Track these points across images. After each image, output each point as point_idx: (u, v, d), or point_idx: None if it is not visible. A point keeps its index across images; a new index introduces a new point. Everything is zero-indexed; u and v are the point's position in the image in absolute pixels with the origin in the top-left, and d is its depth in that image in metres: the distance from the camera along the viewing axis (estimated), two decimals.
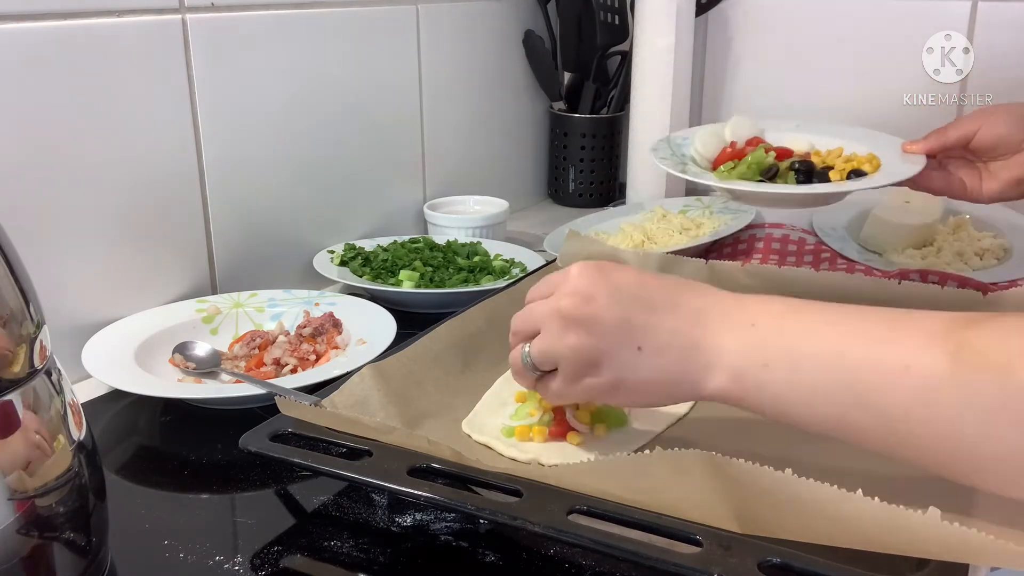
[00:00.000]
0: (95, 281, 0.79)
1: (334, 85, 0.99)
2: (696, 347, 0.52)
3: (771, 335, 0.50)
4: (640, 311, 0.53)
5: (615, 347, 0.52)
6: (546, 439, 0.61)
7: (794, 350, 0.49)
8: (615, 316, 0.53)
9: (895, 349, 0.46)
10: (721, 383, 0.51)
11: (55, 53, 0.73)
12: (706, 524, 0.46)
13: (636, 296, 0.53)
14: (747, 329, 0.51)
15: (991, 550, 0.41)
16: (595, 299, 0.53)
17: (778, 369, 0.49)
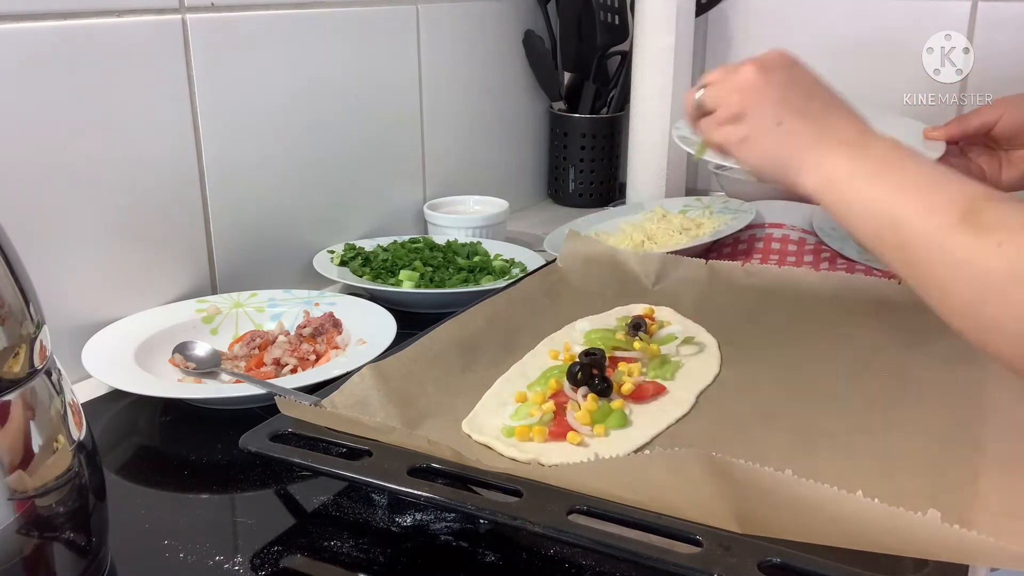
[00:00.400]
0: (95, 281, 0.79)
1: (334, 85, 0.99)
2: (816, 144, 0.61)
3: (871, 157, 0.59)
4: (799, 97, 0.63)
5: (761, 112, 0.63)
6: (546, 439, 0.61)
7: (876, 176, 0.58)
8: (777, 91, 0.63)
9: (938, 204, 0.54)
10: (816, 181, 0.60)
11: (55, 53, 0.73)
12: (706, 524, 0.46)
13: (804, 85, 0.64)
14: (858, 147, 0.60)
15: (990, 551, 0.41)
16: (773, 72, 0.64)
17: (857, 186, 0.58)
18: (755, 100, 0.64)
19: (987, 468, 0.54)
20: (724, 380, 0.69)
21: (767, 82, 0.64)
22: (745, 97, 0.64)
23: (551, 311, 0.82)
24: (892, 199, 0.56)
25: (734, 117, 0.65)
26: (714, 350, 0.74)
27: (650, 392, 0.66)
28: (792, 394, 0.66)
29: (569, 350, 0.73)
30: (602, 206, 1.27)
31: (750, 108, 0.64)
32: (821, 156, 0.61)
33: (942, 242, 0.52)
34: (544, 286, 0.85)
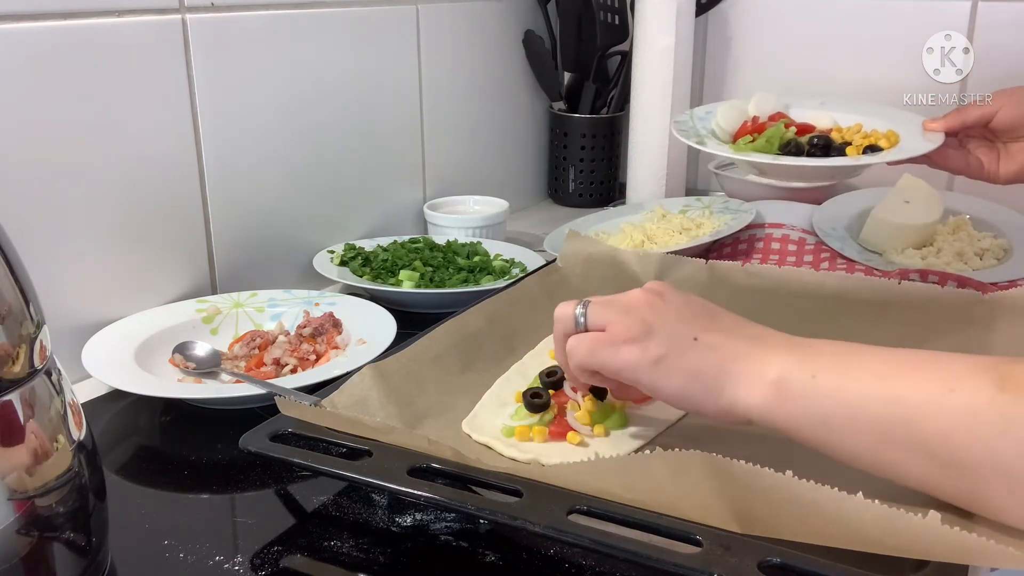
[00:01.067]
0: (95, 281, 0.79)
1: (334, 85, 0.99)
2: (748, 354, 0.52)
3: (824, 354, 0.51)
4: (705, 316, 0.56)
5: (673, 330, 0.54)
6: (546, 439, 0.61)
7: (844, 367, 0.50)
8: (680, 310, 0.55)
9: (942, 375, 0.47)
10: (761, 392, 0.51)
11: (55, 53, 0.73)
12: (706, 524, 0.46)
13: (704, 307, 0.57)
14: (802, 347, 0.52)
15: (990, 552, 0.41)
16: (665, 295, 0.57)
17: (825, 382, 0.49)
18: (659, 316, 0.54)
19: None
20: None
21: (664, 302, 0.56)
22: (648, 314, 0.55)
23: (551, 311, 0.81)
24: (889, 385, 0.47)
25: (640, 335, 0.53)
26: None
27: None
28: None
29: None
30: (602, 206, 1.27)
31: (657, 324, 0.54)
32: (761, 363, 0.51)
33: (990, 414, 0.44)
34: (544, 286, 0.85)
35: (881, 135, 0.90)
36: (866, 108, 0.96)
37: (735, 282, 0.84)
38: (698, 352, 0.53)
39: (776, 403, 0.50)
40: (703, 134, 0.93)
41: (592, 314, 0.56)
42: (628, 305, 0.56)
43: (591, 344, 0.55)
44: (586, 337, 0.56)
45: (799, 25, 1.26)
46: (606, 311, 0.56)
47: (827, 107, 0.96)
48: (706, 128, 0.95)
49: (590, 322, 0.56)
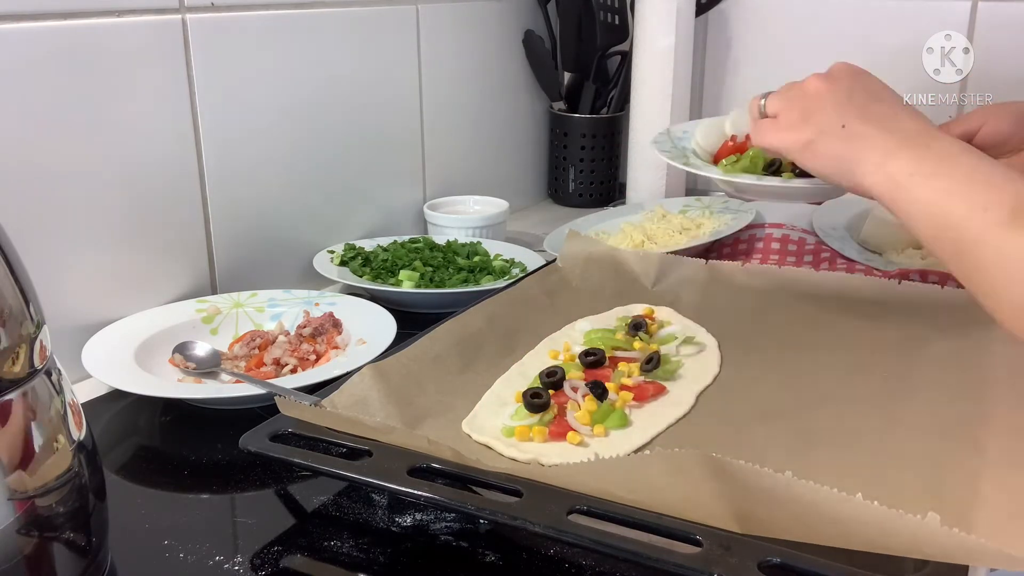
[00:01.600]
0: (95, 281, 0.79)
1: (334, 85, 0.99)
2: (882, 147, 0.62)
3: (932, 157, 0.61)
4: (864, 100, 0.66)
5: (826, 115, 0.65)
6: (546, 439, 0.61)
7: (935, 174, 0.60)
8: (842, 96, 0.66)
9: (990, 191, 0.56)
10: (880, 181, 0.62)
11: (55, 53, 0.73)
12: (706, 524, 0.46)
13: (869, 91, 0.67)
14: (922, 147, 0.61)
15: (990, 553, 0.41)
16: (840, 81, 0.67)
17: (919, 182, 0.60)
18: (819, 105, 0.66)
19: (987, 468, 0.54)
20: (724, 380, 0.69)
21: (831, 89, 0.66)
22: (809, 103, 0.67)
23: (551, 311, 0.82)
24: (947, 199, 0.58)
25: (798, 122, 0.67)
26: (714, 350, 0.74)
27: (650, 392, 0.66)
28: (792, 394, 0.66)
29: (569, 350, 0.73)
30: (602, 206, 1.27)
31: (814, 113, 0.66)
32: (883, 156, 0.62)
33: (993, 240, 0.54)
34: (544, 286, 0.85)
35: None
36: None
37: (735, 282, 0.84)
38: (841, 139, 0.64)
39: (886, 192, 0.62)
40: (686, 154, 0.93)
41: (769, 103, 0.71)
42: (799, 94, 0.68)
43: (762, 130, 0.70)
44: (761, 123, 0.71)
45: (799, 25, 1.26)
46: (778, 101, 0.70)
47: None
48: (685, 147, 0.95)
49: (769, 110, 0.70)
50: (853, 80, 0.67)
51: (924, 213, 0.59)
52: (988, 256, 0.54)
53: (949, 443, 0.57)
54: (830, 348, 0.73)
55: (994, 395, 0.63)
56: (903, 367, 0.69)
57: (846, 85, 0.67)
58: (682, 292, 0.85)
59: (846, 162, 0.64)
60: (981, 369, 0.67)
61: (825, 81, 0.68)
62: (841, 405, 0.64)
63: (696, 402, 0.66)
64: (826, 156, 0.65)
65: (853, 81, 0.67)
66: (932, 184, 0.59)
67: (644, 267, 0.87)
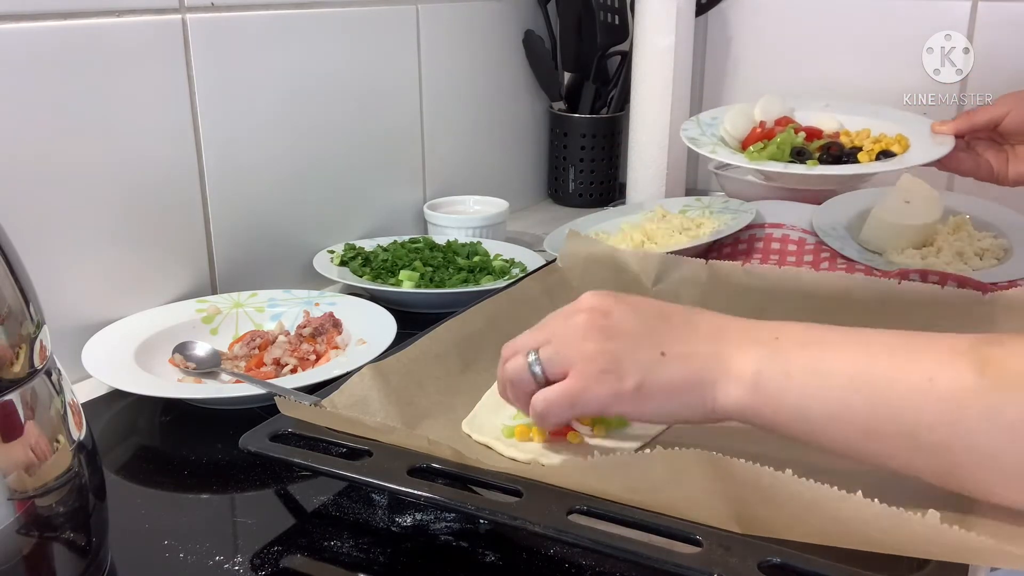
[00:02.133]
0: (95, 281, 0.79)
1: (334, 85, 0.99)
2: (717, 354, 0.51)
3: (794, 347, 0.50)
4: (660, 322, 0.53)
5: (637, 350, 0.52)
6: (546, 439, 0.61)
7: (818, 361, 0.49)
8: (635, 325, 0.53)
9: (920, 363, 0.46)
10: (739, 395, 0.50)
11: (55, 53, 0.73)
12: (706, 524, 0.46)
13: (654, 311, 0.54)
14: (770, 341, 0.51)
15: (990, 552, 0.41)
16: (612, 312, 0.53)
17: (801, 379, 0.49)
18: (618, 342, 0.52)
19: None
20: None
21: (613, 321, 0.53)
22: (605, 342, 0.52)
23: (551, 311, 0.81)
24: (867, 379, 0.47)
25: (608, 368, 0.51)
26: None
27: None
28: None
29: None
30: (602, 206, 1.27)
31: (620, 350, 0.52)
32: (734, 365, 0.50)
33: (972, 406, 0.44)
34: (544, 286, 0.85)
35: (892, 140, 0.90)
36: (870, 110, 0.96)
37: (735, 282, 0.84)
38: (670, 368, 0.51)
39: (754, 403, 0.50)
40: (713, 142, 0.93)
41: (548, 362, 0.53)
42: (580, 336, 0.53)
43: (564, 398, 0.53)
44: (554, 392, 0.53)
45: (799, 25, 1.26)
46: (561, 354, 0.53)
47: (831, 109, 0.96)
48: (714, 135, 0.95)
49: (548, 372, 0.53)
50: (623, 303, 0.54)
51: (828, 413, 0.48)
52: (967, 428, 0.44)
53: None
54: None
55: None
56: None
57: (624, 312, 0.53)
58: (682, 292, 0.85)
59: (687, 391, 0.51)
60: None
61: (598, 314, 0.53)
62: None
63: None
64: (662, 393, 0.51)
65: (624, 304, 0.54)
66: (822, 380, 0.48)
67: (644, 267, 0.87)
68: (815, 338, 0.51)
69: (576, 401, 0.53)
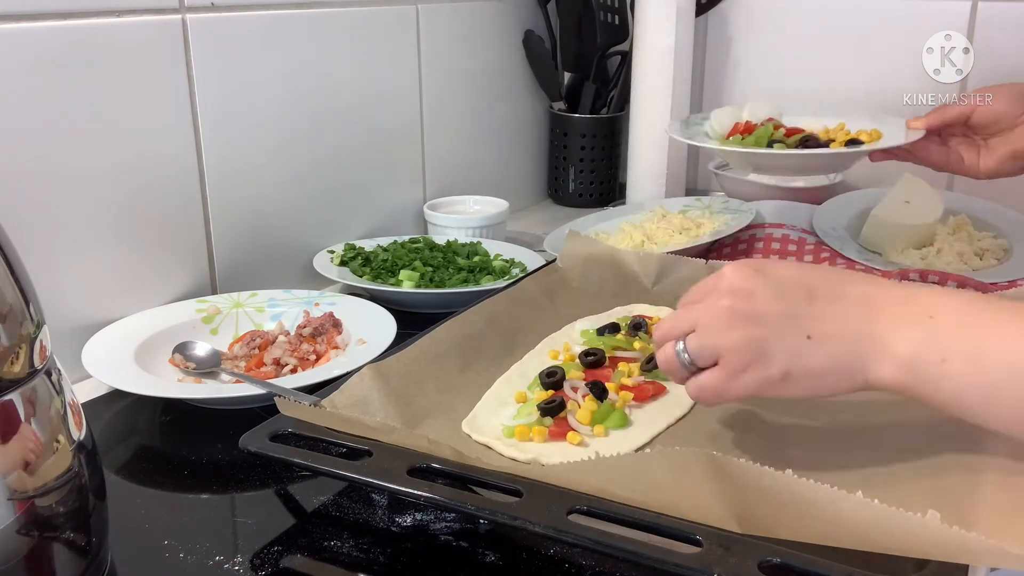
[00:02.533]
0: (95, 281, 0.79)
1: (334, 85, 0.99)
2: (868, 336, 0.50)
3: (951, 329, 0.49)
4: (803, 303, 0.52)
5: (783, 336, 0.51)
6: (546, 439, 0.61)
7: (975, 347, 0.48)
8: (779, 310, 0.52)
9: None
10: (893, 373, 0.50)
11: (55, 53, 0.73)
12: (706, 524, 0.46)
13: (798, 288, 0.53)
14: (924, 321, 0.50)
15: (990, 552, 0.41)
16: (756, 295, 0.52)
17: (958, 364, 0.48)
18: (763, 328, 0.51)
19: (987, 467, 0.54)
20: None
21: (756, 304, 0.52)
22: (751, 328, 0.51)
23: (551, 311, 0.82)
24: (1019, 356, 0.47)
25: (756, 357, 0.51)
26: None
27: (650, 392, 0.66)
28: None
29: (569, 350, 0.73)
30: (602, 206, 1.27)
31: (767, 337, 0.51)
32: (886, 346, 0.50)
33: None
34: (544, 286, 0.85)
35: (864, 132, 0.93)
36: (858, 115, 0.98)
37: None
38: (817, 352, 0.51)
39: (909, 384, 0.50)
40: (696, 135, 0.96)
41: (696, 351, 0.53)
42: (724, 325, 0.52)
43: (714, 386, 0.53)
44: (705, 381, 0.53)
45: (799, 25, 1.26)
46: (706, 345, 0.53)
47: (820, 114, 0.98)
48: (699, 131, 0.98)
49: (697, 360, 0.53)
50: (766, 278, 0.53)
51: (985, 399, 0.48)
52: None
53: (949, 442, 0.57)
54: None
55: None
56: None
57: (767, 292, 0.52)
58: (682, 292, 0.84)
59: (837, 374, 0.51)
60: None
61: (743, 297, 0.52)
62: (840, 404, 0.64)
63: (696, 402, 0.66)
64: (812, 379, 0.51)
65: (767, 279, 0.53)
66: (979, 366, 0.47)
67: (644, 267, 0.87)
68: (971, 321, 0.50)
69: (725, 391, 0.53)
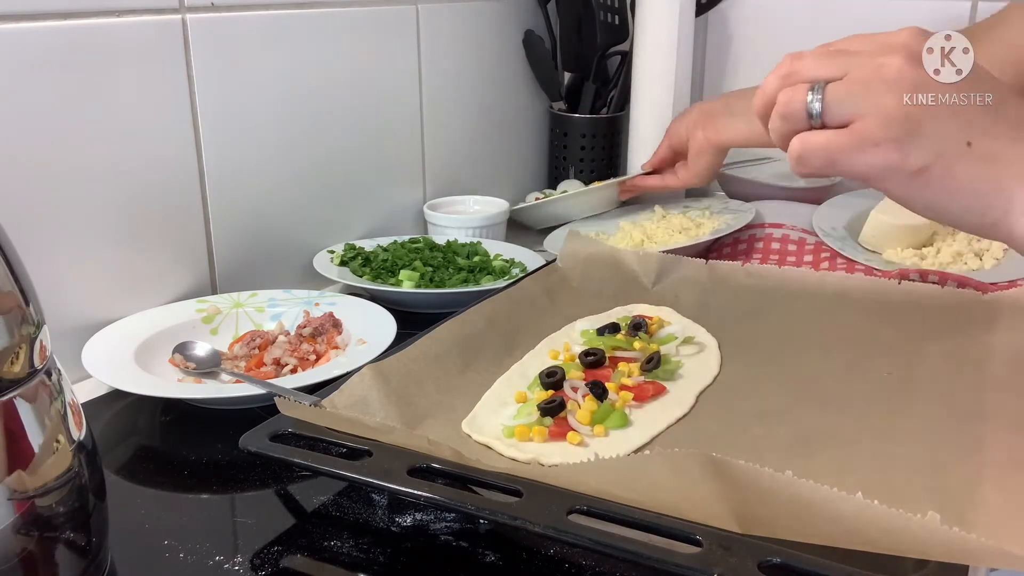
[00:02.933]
0: (95, 281, 0.79)
1: (334, 85, 0.99)
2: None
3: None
4: (983, 107, 0.45)
5: (943, 128, 0.44)
6: (546, 439, 0.61)
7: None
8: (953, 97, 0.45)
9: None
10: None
11: (55, 53, 0.73)
12: (706, 524, 0.46)
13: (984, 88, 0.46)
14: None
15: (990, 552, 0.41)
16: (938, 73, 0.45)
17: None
18: (931, 110, 0.44)
19: (987, 467, 0.54)
20: (724, 380, 0.69)
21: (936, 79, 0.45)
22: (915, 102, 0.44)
23: (551, 311, 0.82)
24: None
25: (901, 134, 0.43)
26: (714, 350, 0.74)
27: (650, 392, 0.66)
28: (792, 394, 0.66)
29: (569, 350, 0.73)
30: None
31: (925, 119, 0.44)
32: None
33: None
34: (544, 286, 0.85)
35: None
36: None
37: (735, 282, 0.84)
38: (971, 164, 0.43)
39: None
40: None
41: (836, 103, 0.44)
42: (885, 82, 0.44)
43: (829, 151, 0.44)
44: (821, 138, 0.44)
45: (799, 25, 1.26)
46: (852, 99, 0.44)
47: None
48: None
49: (830, 115, 0.44)
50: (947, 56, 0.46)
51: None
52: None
53: (949, 442, 0.57)
54: (830, 348, 0.73)
55: (994, 394, 0.63)
56: (903, 367, 0.69)
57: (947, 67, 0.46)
58: (682, 292, 0.85)
59: (978, 198, 0.43)
60: (980, 368, 0.67)
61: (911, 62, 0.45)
62: (841, 405, 0.64)
63: (696, 402, 0.66)
64: (947, 189, 0.43)
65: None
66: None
67: (644, 267, 0.87)
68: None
69: (840, 160, 0.44)
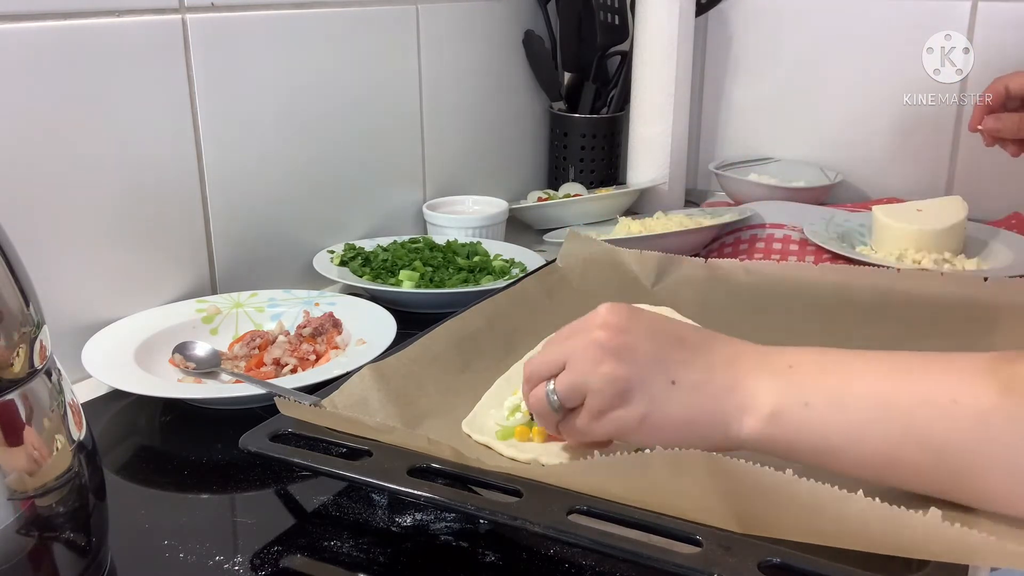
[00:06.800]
0: (95, 281, 0.79)
1: (334, 85, 0.99)
2: (732, 387, 0.51)
3: (811, 375, 0.50)
4: (674, 347, 0.52)
5: (648, 378, 0.51)
6: (546, 439, 0.61)
7: (838, 388, 0.49)
8: (649, 348, 0.52)
9: (941, 385, 0.46)
10: (757, 426, 0.49)
11: (55, 53, 0.73)
12: (706, 524, 0.46)
13: (669, 334, 0.53)
14: (785, 370, 0.50)
15: (991, 550, 0.41)
16: (629, 331, 0.52)
17: (822, 408, 0.48)
18: (635, 366, 0.51)
19: None
20: None
21: (631, 341, 0.52)
22: (618, 366, 0.51)
23: (551, 311, 0.82)
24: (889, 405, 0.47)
25: (619, 398, 0.51)
26: None
27: None
28: None
29: None
30: None
31: (632, 376, 0.51)
32: (749, 396, 0.50)
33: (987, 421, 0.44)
34: (544, 286, 0.85)
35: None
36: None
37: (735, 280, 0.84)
38: (680, 397, 0.51)
39: (773, 434, 0.49)
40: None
41: (564, 394, 0.54)
42: (595, 358, 0.52)
43: (579, 428, 0.54)
44: (573, 422, 0.54)
45: (799, 25, 1.26)
46: (576, 384, 0.53)
47: None
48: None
49: (569, 403, 0.54)
50: (639, 321, 0.53)
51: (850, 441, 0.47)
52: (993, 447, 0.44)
53: None
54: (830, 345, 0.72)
55: None
56: None
57: (640, 328, 0.53)
58: (682, 291, 0.85)
59: (699, 423, 0.50)
60: None
61: (616, 333, 0.52)
62: None
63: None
64: (672, 425, 0.51)
65: (639, 322, 0.53)
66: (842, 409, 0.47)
67: (644, 267, 0.87)
68: (831, 365, 0.50)
69: (594, 432, 0.53)
